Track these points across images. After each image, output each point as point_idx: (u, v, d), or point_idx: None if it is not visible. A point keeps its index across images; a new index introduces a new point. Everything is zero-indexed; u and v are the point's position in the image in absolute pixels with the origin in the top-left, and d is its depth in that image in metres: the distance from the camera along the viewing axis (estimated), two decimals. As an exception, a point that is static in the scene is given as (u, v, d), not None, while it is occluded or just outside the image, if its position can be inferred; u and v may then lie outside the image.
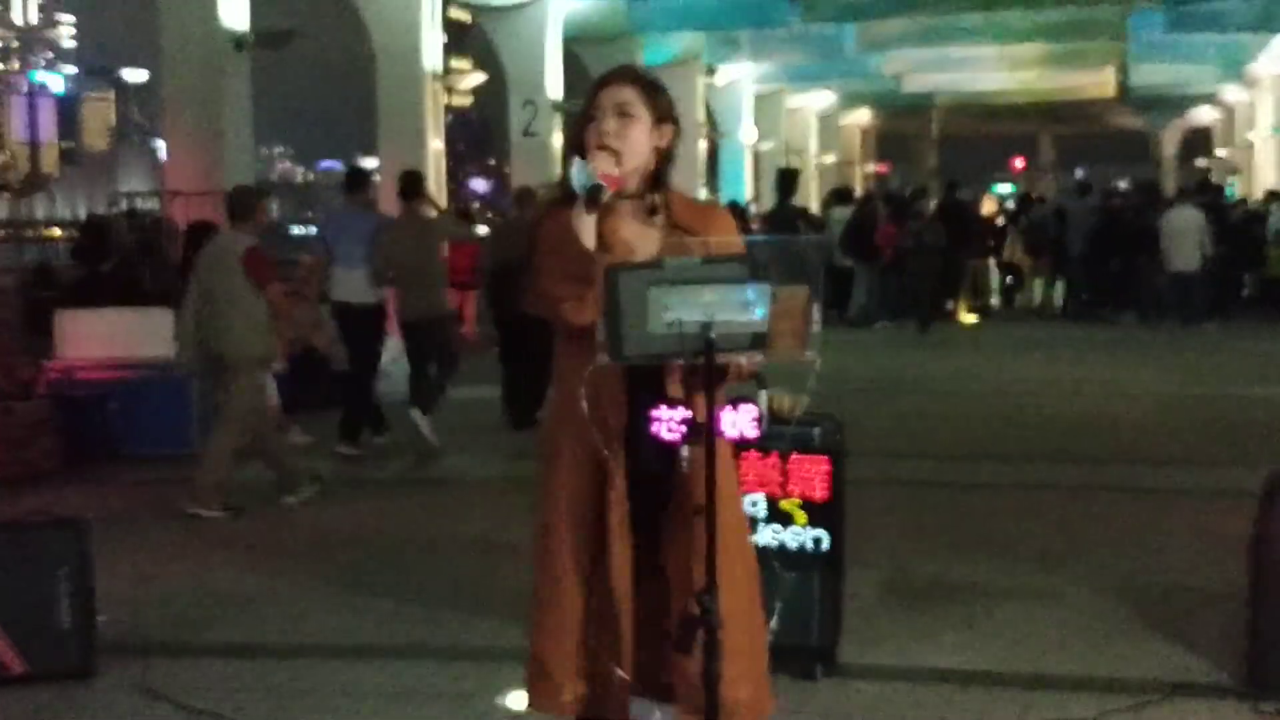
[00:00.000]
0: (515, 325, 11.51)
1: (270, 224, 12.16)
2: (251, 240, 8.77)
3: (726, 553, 3.52)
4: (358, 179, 11.90)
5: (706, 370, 3.28)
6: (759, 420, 3.38)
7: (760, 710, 3.74)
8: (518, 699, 5.20)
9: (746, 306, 3.21)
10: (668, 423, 3.38)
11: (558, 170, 23.28)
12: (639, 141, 3.64)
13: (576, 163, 3.53)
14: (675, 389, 3.56)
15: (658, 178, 3.71)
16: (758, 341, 3.30)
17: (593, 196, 3.48)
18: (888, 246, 21.16)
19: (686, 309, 3.18)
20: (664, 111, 3.70)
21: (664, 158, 3.71)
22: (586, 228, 3.51)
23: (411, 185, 11.21)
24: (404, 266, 10.65)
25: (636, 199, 3.68)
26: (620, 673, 3.61)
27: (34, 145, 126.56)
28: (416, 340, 10.94)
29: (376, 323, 11.01)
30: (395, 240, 10.63)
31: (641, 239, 3.66)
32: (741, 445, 4.08)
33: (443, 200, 19.58)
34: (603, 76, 3.75)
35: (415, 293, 10.76)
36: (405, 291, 10.84)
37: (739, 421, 3.36)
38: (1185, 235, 19.83)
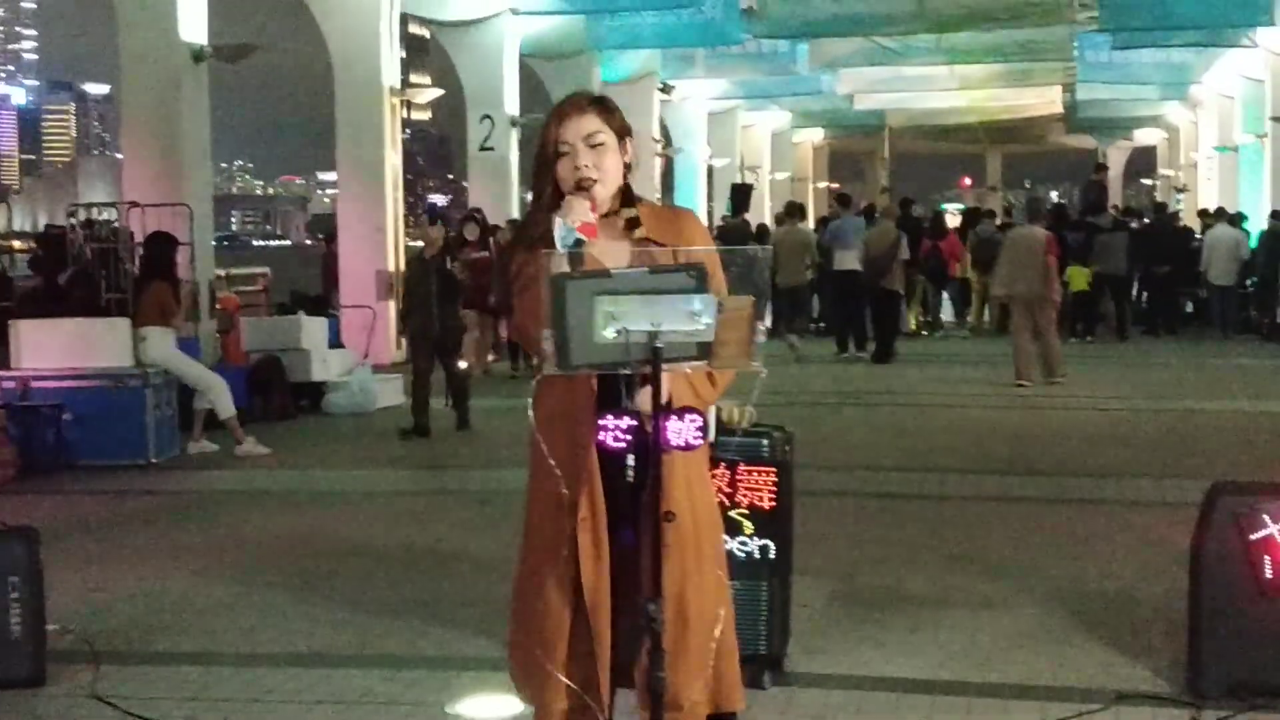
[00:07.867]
0: None
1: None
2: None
3: (697, 557, 3.60)
4: (845, 197, 21.75)
5: (654, 380, 3.32)
6: (703, 429, 3.43)
7: (716, 709, 3.78)
8: (469, 707, 5.25)
9: (693, 316, 3.25)
10: (614, 431, 3.42)
11: (515, 185, 23.40)
12: (613, 166, 3.71)
13: (558, 224, 3.51)
14: (642, 400, 3.54)
15: (627, 190, 3.77)
16: (704, 351, 3.34)
17: (575, 252, 3.52)
18: None
19: (633, 318, 3.22)
20: (623, 128, 3.77)
21: (628, 169, 3.79)
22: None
23: (844, 199, 22.04)
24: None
25: (611, 216, 3.73)
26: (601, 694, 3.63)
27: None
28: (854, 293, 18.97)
29: (857, 281, 18.58)
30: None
31: (613, 254, 3.67)
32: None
33: (400, 214, 19.56)
34: (559, 109, 3.77)
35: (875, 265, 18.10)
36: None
37: (684, 430, 3.41)
38: (1226, 252, 21.51)
